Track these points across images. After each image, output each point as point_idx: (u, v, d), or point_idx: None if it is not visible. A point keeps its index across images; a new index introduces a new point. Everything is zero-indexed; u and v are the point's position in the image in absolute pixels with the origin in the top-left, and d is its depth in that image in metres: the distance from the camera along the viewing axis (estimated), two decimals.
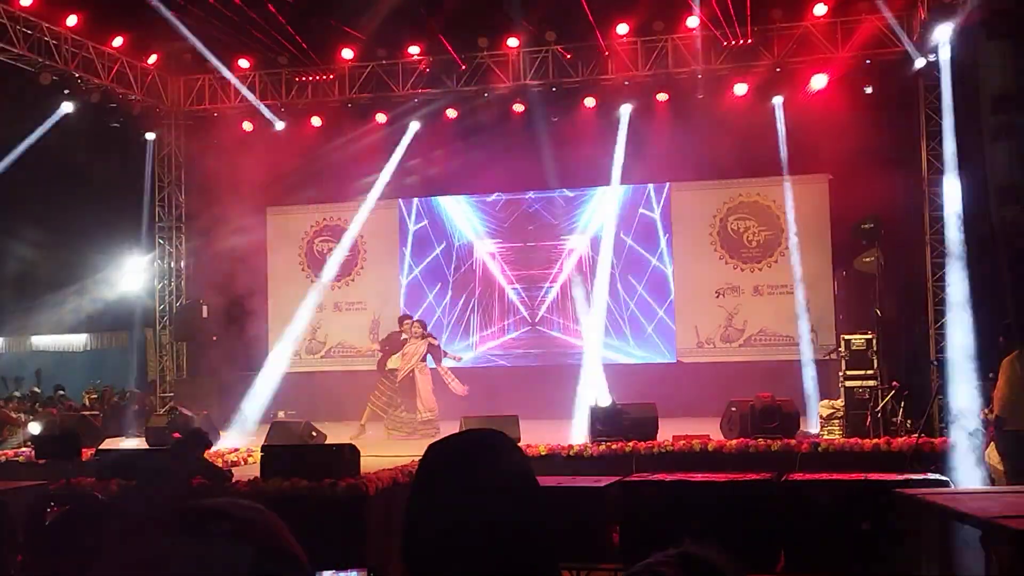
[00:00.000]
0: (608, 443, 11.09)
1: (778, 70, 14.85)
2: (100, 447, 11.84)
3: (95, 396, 16.37)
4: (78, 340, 21.71)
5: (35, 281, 18.91)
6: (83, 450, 10.87)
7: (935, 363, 12.67)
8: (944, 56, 13.81)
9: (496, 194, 17.30)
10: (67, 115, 15.52)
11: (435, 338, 14.82)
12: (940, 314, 14.06)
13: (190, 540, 1.23)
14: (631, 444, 11.01)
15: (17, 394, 16.43)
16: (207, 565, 1.21)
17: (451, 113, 16.15)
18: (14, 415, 14.62)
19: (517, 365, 16.89)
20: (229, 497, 1.39)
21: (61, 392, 17.15)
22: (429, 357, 14.38)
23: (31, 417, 14.56)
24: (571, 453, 11.00)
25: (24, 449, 12.54)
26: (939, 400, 11.82)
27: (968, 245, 14.15)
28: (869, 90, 14.57)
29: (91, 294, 19.16)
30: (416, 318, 15.32)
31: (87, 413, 15.12)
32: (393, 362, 14.46)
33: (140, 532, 1.92)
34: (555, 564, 1.76)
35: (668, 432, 11.37)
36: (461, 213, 17.54)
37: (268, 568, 1.25)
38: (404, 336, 14.53)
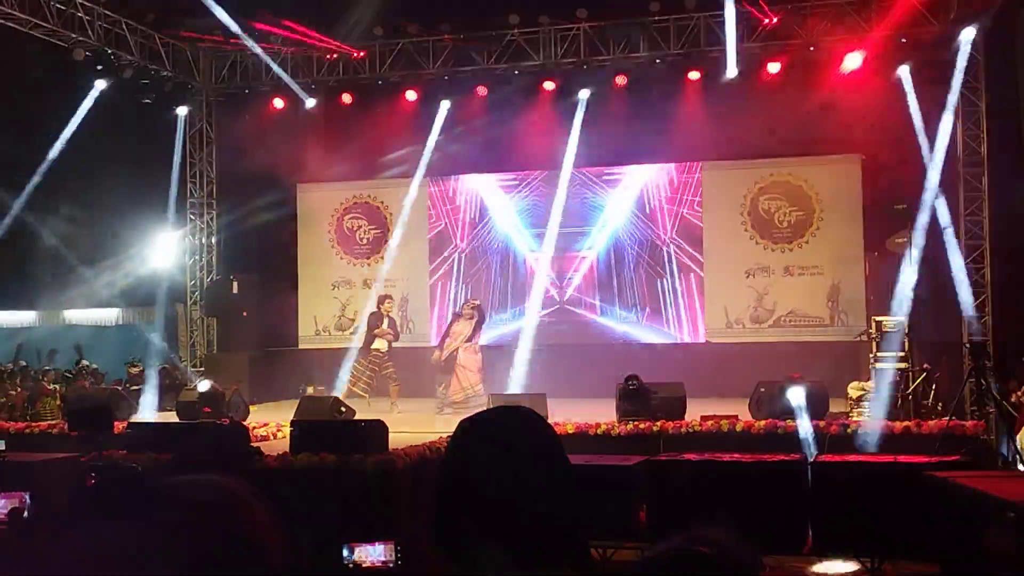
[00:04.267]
0: (636, 422, 11.09)
1: (812, 49, 14.70)
2: (132, 420, 11.97)
3: (137, 369, 16.51)
4: (110, 315, 21.92)
5: (68, 256, 19.09)
6: (115, 423, 10.99)
7: (967, 346, 12.55)
8: (981, 35, 13.63)
9: (525, 172, 17.26)
10: (101, 91, 15.62)
11: (482, 317, 14.68)
12: (974, 296, 13.93)
13: (129, 528, 1.09)
14: (659, 424, 11.01)
15: (50, 368, 16.60)
16: (142, 556, 1.08)
17: (481, 91, 16.11)
18: (49, 387, 14.81)
19: (545, 343, 16.88)
20: (192, 476, 1.21)
21: (86, 363, 17.30)
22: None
23: (64, 389, 14.75)
24: (599, 432, 11.01)
25: (57, 421, 12.71)
26: (970, 383, 11.72)
27: (1003, 227, 14.00)
28: (906, 70, 14.34)
29: (123, 269, 19.33)
30: (471, 298, 15.32)
31: (131, 387, 15.27)
32: (378, 343, 14.49)
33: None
34: (584, 540, 1.76)
35: (696, 412, 11.35)
36: (490, 191, 17.52)
37: (215, 560, 1.10)
38: (385, 316, 14.60)
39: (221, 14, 14.52)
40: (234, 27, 15.17)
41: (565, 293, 17.10)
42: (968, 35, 13.64)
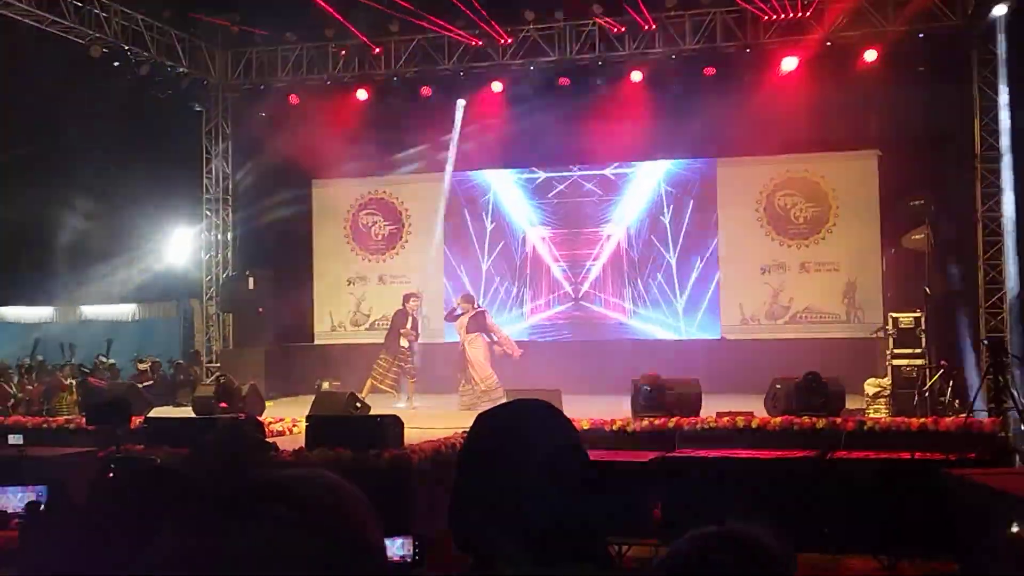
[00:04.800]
0: (651, 418, 11.07)
1: (828, 44, 14.62)
2: (148, 415, 12.02)
3: (146, 366, 16.60)
4: (126, 310, 22.02)
5: (86, 251, 19.20)
6: (132, 418, 11.03)
7: (985, 342, 12.48)
8: (999, 28, 13.53)
9: (540, 168, 17.25)
10: (118, 87, 15.69)
11: (477, 308, 14.67)
12: (991, 292, 13.86)
13: (242, 525, 1.03)
14: (674, 420, 10.98)
15: (68, 362, 16.68)
16: (259, 555, 1.03)
17: (496, 87, 16.10)
18: (66, 382, 14.88)
19: (560, 340, 16.89)
20: (297, 469, 1.12)
21: (102, 359, 17.38)
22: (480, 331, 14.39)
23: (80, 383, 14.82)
24: (614, 428, 10.99)
25: (74, 416, 12.77)
26: (988, 380, 11.64)
27: (1021, 222, 13.92)
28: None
29: (140, 265, 19.43)
30: (464, 292, 15.36)
31: (139, 383, 15.35)
32: (403, 340, 14.49)
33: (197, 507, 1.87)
34: (602, 535, 1.75)
35: (712, 409, 11.32)
36: (505, 187, 17.51)
37: (330, 559, 1.06)
38: (410, 314, 14.61)
39: None
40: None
41: (580, 289, 17.09)
42: (986, 30, 13.55)
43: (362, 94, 16.72)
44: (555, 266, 17.17)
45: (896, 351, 12.09)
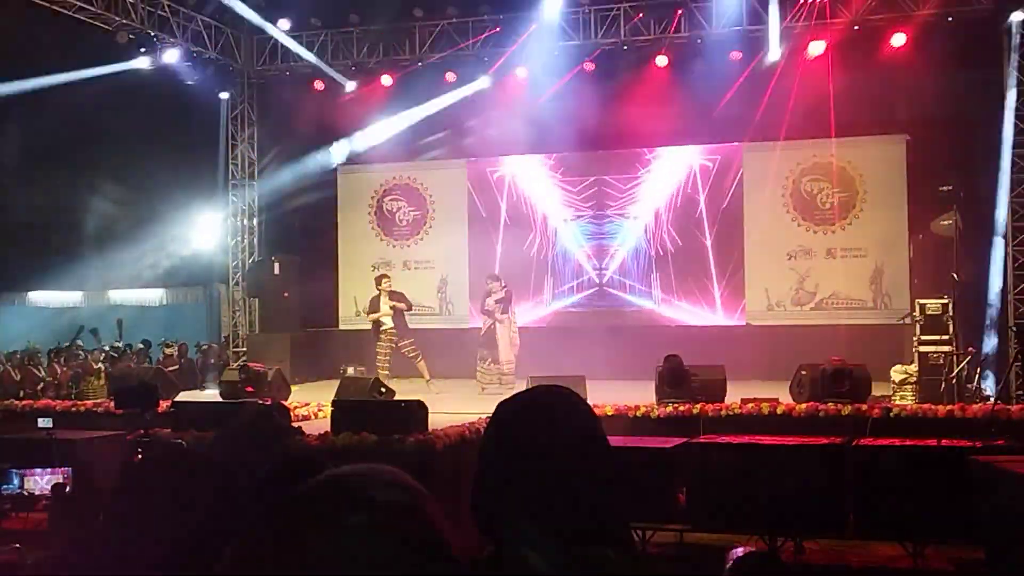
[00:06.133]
0: (675, 405, 11.06)
1: (856, 28, 14.49)
2: (176, 399, 12.12)
3: (172, 350, 16.74)
4: (154, 295, 22.19)
5: (113, 236, 19.35)
6: (159, 402, 11.11)
7: (1013, 329, 12.36)
8: None
9: (565, 153, 17.19)
10: (143, 73, 15.76)
11: (505, 287, 14.59)
12: (1020, 279, 13.72)
13: (322, 530, 1.00)
14: (699, 406, 10.96)
15: (107, 348, 16.85)
16: (341, 559, 1.00)
17: (521, 72, 16.06)
18: (95, 366, 15.02)
19: (584, 326, 16.86)
20: (359, 466, 1.05)
21: (140, 346, 17.55)
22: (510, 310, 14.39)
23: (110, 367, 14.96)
24: (638, 414, 10.99)
25: (102, 400, 12.90)
26: (1016, 367, 11.55)
27: None
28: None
29: (166, 250, 19.57)
30: (491, 272, 15.35)
31: (166, 367, 15.49)
32: (385, 321, 14.42)
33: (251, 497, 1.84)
34: (624, 521, 1.76)
35: (736, 395, 11.29)
36: (529, 173, 17.48)
37: (410, 563, 1.02)
38: (384, 294, 14.48)
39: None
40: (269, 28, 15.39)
41: (604, 275, 17.05)
42: (1018, 16, 13.38)
43: (386, 80, 16.73)
44: (579, 252, 17.14)
45: (923, 337, 11.99)
